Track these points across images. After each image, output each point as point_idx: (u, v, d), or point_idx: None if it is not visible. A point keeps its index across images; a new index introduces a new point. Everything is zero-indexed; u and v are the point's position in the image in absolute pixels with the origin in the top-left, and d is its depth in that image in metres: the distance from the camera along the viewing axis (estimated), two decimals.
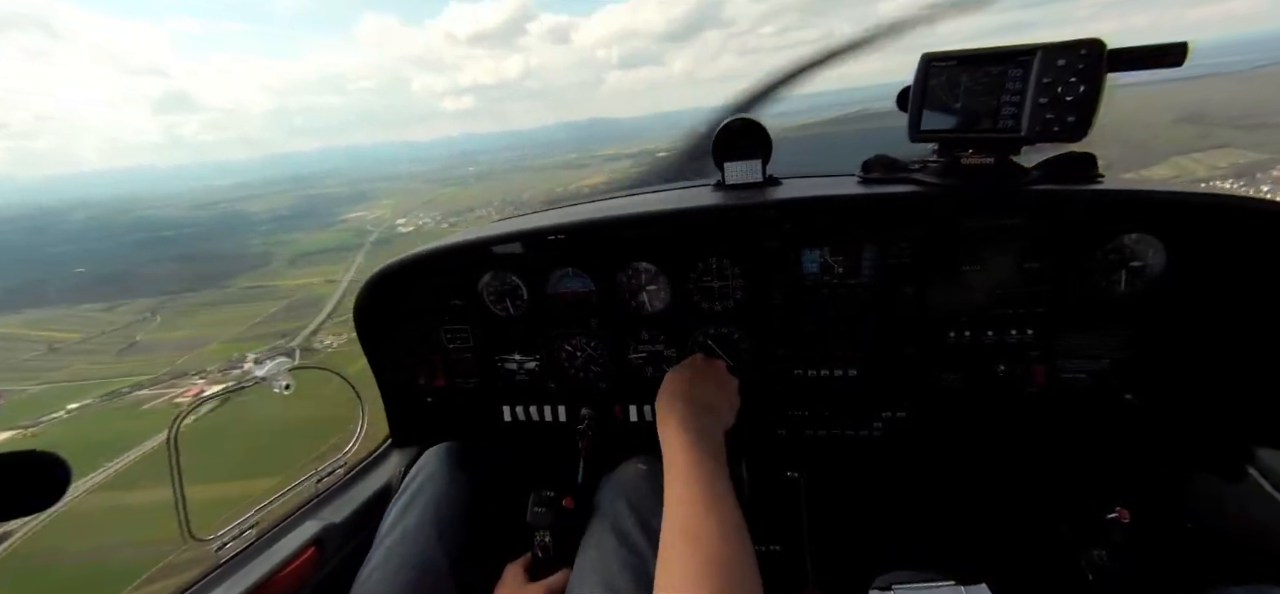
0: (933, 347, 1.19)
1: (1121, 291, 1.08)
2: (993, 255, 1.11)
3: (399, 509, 1.14)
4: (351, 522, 1.23)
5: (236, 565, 1.08)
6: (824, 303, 1.21)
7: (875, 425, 1.28)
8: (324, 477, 1.31)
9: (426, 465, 1.24)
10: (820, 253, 1.18)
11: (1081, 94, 0.89)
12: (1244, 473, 1.04)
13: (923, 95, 1.03)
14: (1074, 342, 1.12)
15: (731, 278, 1.23)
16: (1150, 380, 1.10)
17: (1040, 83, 0.92)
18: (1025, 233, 1.08)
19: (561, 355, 1.38)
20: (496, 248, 1.28)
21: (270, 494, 1.21)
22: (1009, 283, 1.12)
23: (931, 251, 1.12)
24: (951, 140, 1.05)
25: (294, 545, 1.12)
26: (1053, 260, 1.08)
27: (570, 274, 1.29)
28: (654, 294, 1.28)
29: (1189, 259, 1.03)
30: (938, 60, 1.01)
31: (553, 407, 1.40)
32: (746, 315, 1.25)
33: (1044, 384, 1.16)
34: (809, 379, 1.27)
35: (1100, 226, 1.05)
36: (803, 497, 1.33)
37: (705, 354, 1.18)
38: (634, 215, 1.16)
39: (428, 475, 1.21)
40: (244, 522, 1.13)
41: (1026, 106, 0.94)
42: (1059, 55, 0.90)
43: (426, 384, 1.42)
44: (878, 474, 1.35)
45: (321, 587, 1.15)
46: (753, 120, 1.18)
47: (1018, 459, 1.26)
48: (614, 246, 1.25)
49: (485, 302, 1.35)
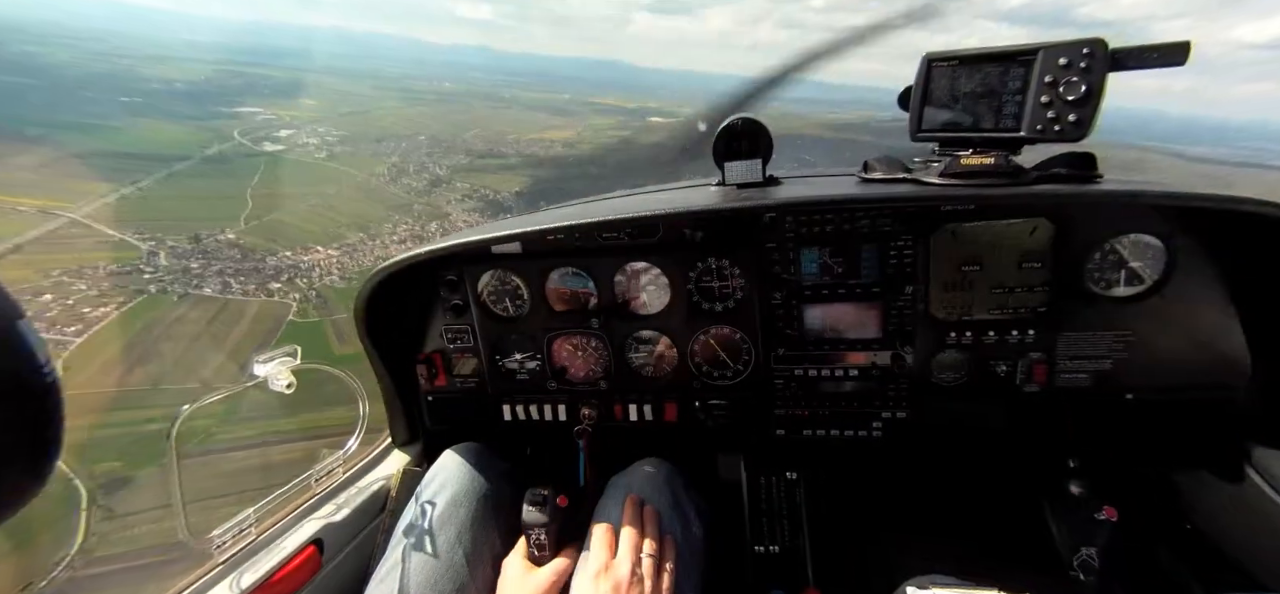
0: (933, 347, 1.19)
1: (1121, 292, 1.08)
2: (993, 255, 1.11)
3: (416, 509, 1.13)
4: (351, 522, 1.23)
5: (236, 564, 1.08)
6: (824, 303, 1.21)
7: (875, 426, 1.27)
8: (324, 476, 1.31)
9: (446, 465, 1.22)
10: (820, 253, 1.18)
11: (1083, 94, 0.88)
12: (1243, 473, 1.04)
13: (924, 95, 1.03)
14: (1074, 342, 1.12)
15: (731, 278, 1.23)
16: (1150, 381, 1.10)
17: (1042, 82, 0.92)
18: (1025, 233, 1.08)
19: (561, 355, 1.38)
20: (496, 248, 1.28)
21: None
22: (1009, 283, 1.12)
23: (931, 251, 1.12)
24: (952, 140, 1.05)
25: (294, 545, 1.12)
26: (1053, 260, 1.08)
27: (570, 274, 1.29)
28: (654, 294, 1.28)
29: (1189, 259, 1.03)
30: (939, 60, 1.01)
31: (553, 406, 1.40)
32: (746, 315, 1.25)
33: (1044, 384, 1.16)
34: (809, 379, 1.27)
35: (1100, 226, 1.05)
36: (802, 497, 1.33)
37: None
38: (634, 216, 1.16)
39: (448, 474, 1.19)
40: (243, 521, 1.13)
41: (1028, 106, 0.94)
42: (1061, 54, 0.90)
43: (427, 384, 1.42)
44: (877, 474, 1.35)
45: (321, 586, 1.15)
46: (753, 120, 1.18)
47: (1018, 458, 1.26)
48: (614, 246, 1.25)
49: (485, 301, 1.35)
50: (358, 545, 1.24)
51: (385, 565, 1.05)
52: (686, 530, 1.09)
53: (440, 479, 1.18)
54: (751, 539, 1.28)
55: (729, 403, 1.34)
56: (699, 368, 1.32)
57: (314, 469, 1.30)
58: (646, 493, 1.09)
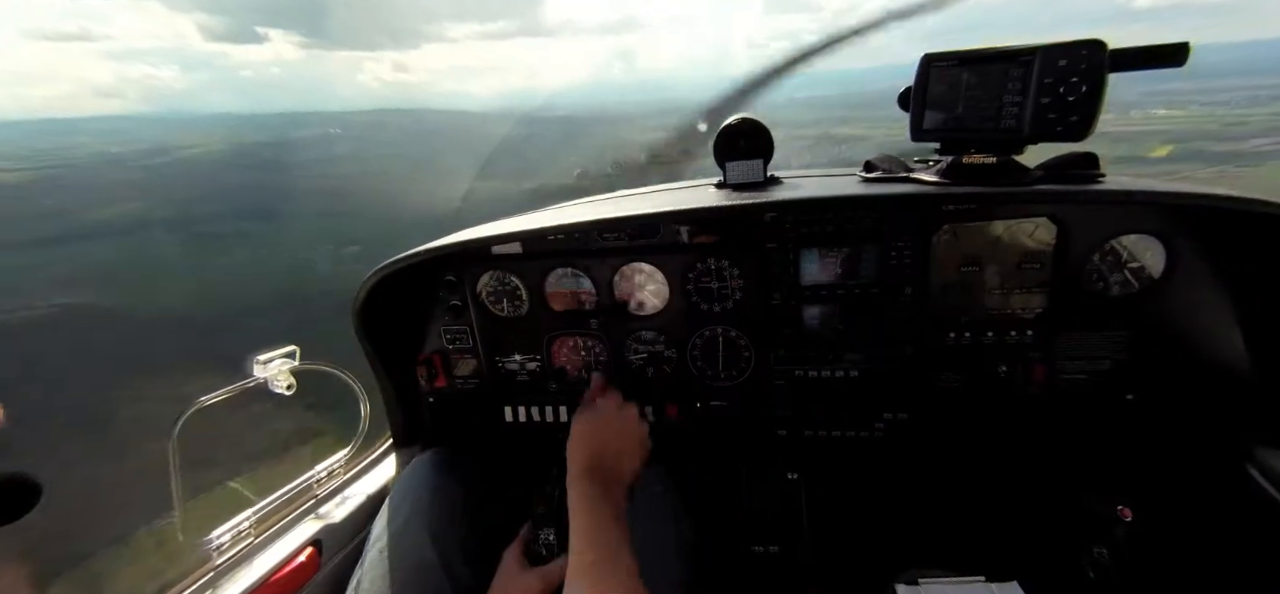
0: (933, 347, 1.18)
1: (1121, 292, 1.08)
2: (993, 255, 1.11)
3: (389, 514, 1.13)
4: (351, 522, 1.23)
5: (235, 565, 1.07)
6: (823, 303, 1.21)
7: (876, 426, 1.27)
8: (323, 477, 1.31)
9: (414, 471, 1.23)
10: (820, 253, 1.18)
11: (1083, 94, 0.88)
12: (1243, 473, 1.04)
13: (924, 95, 1.03)
14: (1074, 342, 1.12)
15: (730, 278, 1.23)
16: (1150, 381, 1.10)
17: (1042, 83, 0.91)
18: (1026, 233, 1.08)
19: (561, 356, 1.37)
20: (496, 248, 1.28)
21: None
22: (1009, 283, 1.12)
23: (932, 252, 1.12)
24: (953, 140, 1.04)
25: (293, 546, 1.12)
26: (1053, 260, 1.08)
27: (569, 274, 1.29)
28: (653, 295, 1.28)
29: (1189, 259, 1.03)
30: (938, 60, 1.01)
31: (554, 407, 1.40)
32: (746, 316, 1.25)
33: (1044, 385, 1.15)
34: (809, 380, 1.27)
35: (1101, 226, 1.04)
36: (803, 497, 1.32)
37: (621, 394, 1.19)
38: (633, 216, 1.16)
39: (416, 480, 1.20)
40: (242, 521, 1.13)
41: (1028, 106, 0.94)
42: (1060, 55, 0.90)
43: (427, 385, 1.42)
44: (878, 475, 1.34)
45: (320, 587, 1.15)
46: (754, 120, 1.18)
47: (1018, 459, 1.26)
48: (614, 247, 1.25)
49: (485, 302, 1.35)
50: (358, 546, 1.24)
51: (358, 572, 1.04)
52: (677, 531, 1.10)
53: (407, 487, 1.18)
54: (751, 539, 1.28)
55: (729, 404, 1.33)
56: (698, 369, 1.32)
57: (314, 470, 1.30)
58: (649, 499, 1.10)
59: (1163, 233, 1.03)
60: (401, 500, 1.15)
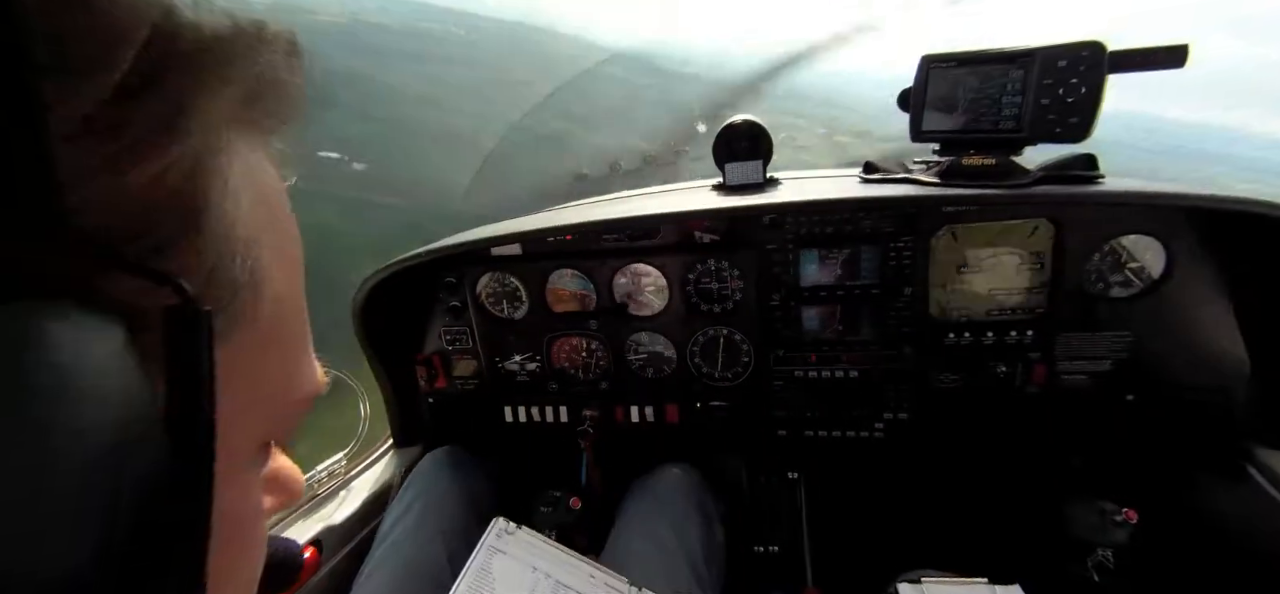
0: (933, 347, 1.19)
1: (1121, 292, 1.08)
2: (993, 256, 1.11)
3: (399, 510, 1.14)
4: (351, 522, 1.23)
5: None
6: (823, 304, 1.21)
7: (876, 427, 1.27)
8: (324, 476, 1.31)
9: (425, 468, 1.25)
10: (820, 254, 1.18)
11: (1083, 95, 0.89)
12: (1243, 473, 1.04)
13: (924, 96, 1.03)
14: (1074, 343, 1.12)
15: (730, 279, 1.23)
16: (1151, 381, 1.10)
17: (1041, 84, 0.92)
18: (1025, 233, 1.08)
19: (561, 357, 1.37)
20: (495, 249, 1.28)
21: None
22: (1009, 284, 1.12)
23: (931, 253, 1.12)
24: (953, 140, 1.05)
25: None
26: (1052, 261, 1.08)
27: (569, 275, 1.29)
28: (653, 295, 1.28)
29: (1188, 260, 1.03)
30: (938, 61, 1.01)
31: (554, 408, 1.40)
32: (746, 317, 1.25)
33: (1044, 385, 1.15)
34: (809, 380, 1.27)
35: (1100, 227, 1.05)
36: (803, 497, 1.33)
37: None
38: (633, 216, 1.16)
39: (426, 477, 1.21)
40: None
41: (1028, 107, 0.94)
42: (1059, 57, 0.90)
43: (427, 385, 1.42)
44: (878, 476, 1.35)
45: (321, 587, 1.15)
46: (754, 121, 1.18)
47: (1019, 460, 1.26)
48: (613, 248, 1.25)
49: (485, 303, 1.35)
50: (357, 546, 1.24)
51: (367, 566, 1.05)
52: (710, 534, 1.10)
53: (419, 484, 1.19)
54: (752, 539, 1.28)
55: (729, 404, 1.34)
56: (698, 369, 1.32)
57: (314, 469, 1.30)
58: (673, 498, 1.10)
59: (1162, 233, 1.03)
60: (412, 498, 1.15)
